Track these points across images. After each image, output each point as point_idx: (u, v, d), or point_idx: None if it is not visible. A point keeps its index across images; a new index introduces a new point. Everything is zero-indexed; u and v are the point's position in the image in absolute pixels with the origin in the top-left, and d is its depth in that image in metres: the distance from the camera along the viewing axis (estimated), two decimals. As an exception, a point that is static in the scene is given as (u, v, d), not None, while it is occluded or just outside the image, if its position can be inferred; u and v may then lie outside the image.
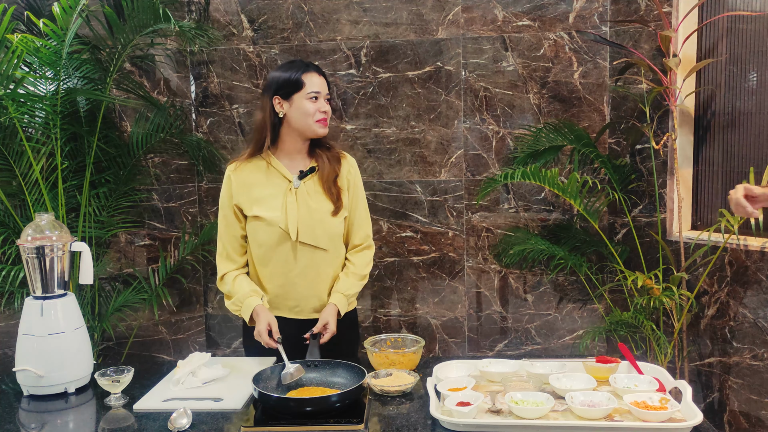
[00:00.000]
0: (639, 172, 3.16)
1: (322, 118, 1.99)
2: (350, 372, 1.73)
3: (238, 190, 2.02)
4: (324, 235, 2.02)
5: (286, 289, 2.03)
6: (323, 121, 2.00)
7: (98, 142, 3.08)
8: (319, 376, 1.75)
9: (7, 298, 2.97)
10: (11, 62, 2.70)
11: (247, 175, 2.03)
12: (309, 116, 1.97)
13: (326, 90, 2.02)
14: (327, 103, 2.01)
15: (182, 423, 1.51)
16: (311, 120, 1.98)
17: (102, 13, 3.05)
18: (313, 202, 2.02)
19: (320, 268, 2.04)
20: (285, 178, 2.02)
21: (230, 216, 2.05)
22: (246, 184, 2.03)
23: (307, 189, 2.03)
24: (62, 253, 1.81)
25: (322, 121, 1.99)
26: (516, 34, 3.26)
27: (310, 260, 2.02)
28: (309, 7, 3.39)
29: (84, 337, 1.84)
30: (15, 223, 3.03)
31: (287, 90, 1.97)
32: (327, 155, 2.07)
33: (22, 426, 1.63)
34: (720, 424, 2.91)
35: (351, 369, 1.73)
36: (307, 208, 2.00)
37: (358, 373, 1.69)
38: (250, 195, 2.02)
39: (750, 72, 2.88)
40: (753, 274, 2.75)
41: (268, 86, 2.01)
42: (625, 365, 1.76)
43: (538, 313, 3.41)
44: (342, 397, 1.58)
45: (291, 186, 2.01)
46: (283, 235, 1.99)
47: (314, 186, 2.04)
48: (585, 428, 1.46)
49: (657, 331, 2.81)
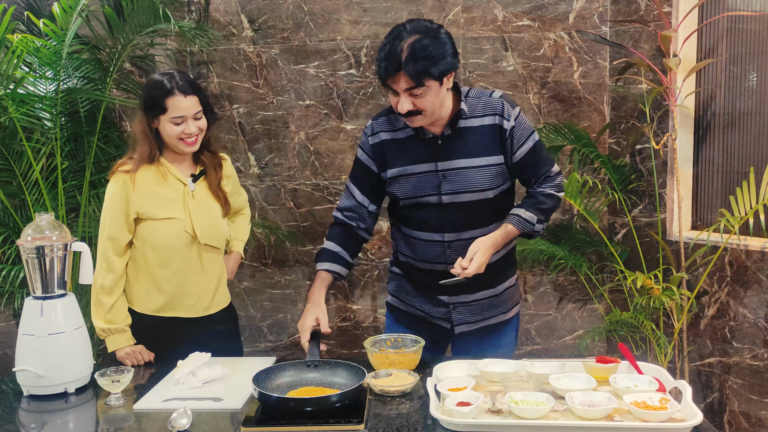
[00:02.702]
0: (639, 172, 3.16)
1: (187, 139, 1.99)
2: (350, 372, 1.73)
3: (138, 196, 2.00)
4: (220, 235, 2.13)
5: (183, 288, 2.08)
6: (190, 143, 2.00)
7: (98, 142, 3.08)
8: (319, 376, 1.74)
9: (7, 298, 2.97)
10: (11, 62, 2.71)
11: (145, 181, 2.03)
12: (173, 138, 1.99)
13: (195, 110, 1.99)
14: (196, 121, 2.00)
15: (182, 423, 1.51)
16: (176, 140, 1.99)
17: (102, 13, 3.05)
18: (207, 203, 2.10)
19: (214, 266, 2.14)
20: (180, 182, 2.06)
21: (121, 221, 2.01)
22: (146, 189, 2.02)
23: (200, 191, 2.09)
24: (62, 253, 1.81)
25: (187, 142, 2.00)
26: (516, 34, 3.26)
27: (207, 259, 2.10)
28: (309, 7, 3.39)
29: (84, 337, 1.84)
30: (15, 223, 3.03)
31: (153, 112, 1.98)
32: (210, 161, 2.12)
33: (22, 426, 1.63)
34: (720, 424, 2.91)
35: (351, 369, 1.73)
36: (204, 209, 2.08)
37: (358, 373, 1.69)
38: (152, 199, 2.02)
39: (750, 72, 2.88)
40: (753, 274, 2.75)
41: (140, 102, 2.04)
42: (625, 365, 1.76)
43: (538, 313, 3.41)
44: (342, 397, 1.57)
45: (187, 189, 2.06)
46: (185, 236, 2.04)
47: (205, 189, 2.11)
48: (585, 428, 1.46)
49: (657, 331, 2.81)
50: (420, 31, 1.77)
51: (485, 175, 1.92)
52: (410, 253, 2.04)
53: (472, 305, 2.04)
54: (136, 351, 2.02)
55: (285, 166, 3.53)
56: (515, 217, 1.95)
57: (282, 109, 3.49)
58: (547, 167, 2.00)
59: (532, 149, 1.95)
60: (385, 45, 1.78)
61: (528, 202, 1.99)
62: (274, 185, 3.56)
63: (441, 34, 1.79)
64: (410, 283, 2.10)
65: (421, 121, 1.85)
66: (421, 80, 1.75)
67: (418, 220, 1.98)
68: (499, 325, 2.09)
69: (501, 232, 1.92)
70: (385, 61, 1.76)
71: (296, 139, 3.50)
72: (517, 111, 1.93)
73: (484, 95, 1.94)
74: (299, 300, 3.60)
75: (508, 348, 2.12)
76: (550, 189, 2.00)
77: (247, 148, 3.55)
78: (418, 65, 1.73)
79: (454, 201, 1.93)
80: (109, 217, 2.02)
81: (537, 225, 1.96)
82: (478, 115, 1.92)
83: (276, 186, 3.56)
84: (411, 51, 1.73)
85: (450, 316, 2.05)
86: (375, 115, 2.04)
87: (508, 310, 2.10)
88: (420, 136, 1.93)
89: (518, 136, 1.92)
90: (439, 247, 1.97)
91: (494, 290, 2.05)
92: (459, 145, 1.91)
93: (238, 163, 3.57)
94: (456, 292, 2.01)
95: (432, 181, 1.93)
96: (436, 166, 1.92)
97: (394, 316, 2.15)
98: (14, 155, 3.00)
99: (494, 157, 1.92)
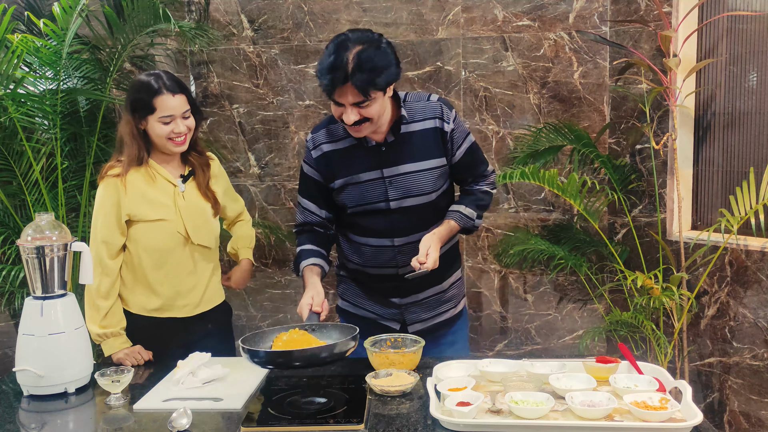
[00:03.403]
0: (639, 172, 3.16)
1: (176, 138, 2.00)
2: (344, 332, 1.77)
3: (129, 199, 2.00)
4: (211, 234, 2.14)
5: (178, 289, 2.09)
6: (179, 142, 2.00)
7: (98, 142, 3.08)
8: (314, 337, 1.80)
9: (7, 298, 2.97)
10: (11, 62, 2.71)
11: (135, 183, 2.02)
12: (162, 137, 1.99)
13: (183, 108, 1.99)
14: (185, 120, 2.00)
15: (182, 423, 1.51)
16: (165, 140, 1.99)
17: (102, 13, 3.05)
18: (198, 203, 2.10)
19: (206, 265, 2.15)
20: (170, 183, 2.07)
21: (113, 224, 2.01)
22: (137, 191, 2.02)
23: (189, 192, 2.09)
24: (62, 253, 1.81)
25: (176, 141, 2.00)
26: (516, 34, 3.26)
27: (200, 259, 2.11)
28: (309, 7, 3.39)
29: (84, 337, 1.84)
30: (15, 223, 3.03)
31: (141, 112, 1.98)
32: (198, 161, 2.13)
33: (22, 426, 1.63)
34: (720, 424, 2.91)
35: (346, 329, 1.78)
36: (195, 209, 2.09)
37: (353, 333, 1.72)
38: (143, 201, 2.02)
39: (750, 72, 2.88)
40: (753, 274, 2.75)
41: (127, 104, 2.03)
42: (625, 365, 1.76)
43: (538, 313, 3.41)
44: (329, 350, 1.62)
45: (177, 190, 2.07)
46: (178, 237, 2.05)
47: (194, 189, 2.11)
48: (585, 428, 1.46)
49: (657, 331, 2.82)
50: (364, 41, 1.76)
51: (429, 178, 1.97)
52: (360, 260, 2.07)
53: (422, 303, 2.09)
54: (134, 351, 2.02)
55: (285, 166, 3.53)
56: (456, 213, 2.01)
57: (282, 109, 3.49)
58: (483, 166, 2.09)
59: (469, 150, 2.02)
60: (329, 55, 1.75)
61: (467, 199, 2.06)
62: (274, 185, 3.56)
63: (382, 44, 1.80)
64: (360, 287, 2.14)
65: (367, 129, 1.86)
66: (368, 92, 1.75)
67: (366, 227, 2.01)
68: (451, 320, 2.16)
69: (444, 228, 1.98)
70: (331, 73, 1.74)
71: (296, 139, 3.50)
72: (455, 113, 1.99)
73: (422, 99, 1.97)
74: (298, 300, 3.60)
75: (462, 343, 2.21)
76: (486, 186, 2.10)
77: (247, 148, 3.55)
78: (364, 76, 1.73)
79: (401, 206, 1.97)
80: (101, 221, 2.02)
81: (477, 220, 2.04)
82: (418, 120, 1.95)
83: (276, 186, 3.56)
84: (357, 61, 1.72)
85: (402, 317, 2.10)
86: (313, 128, 2.05)
87: (456, 304, 2.17)
88: (363, 144, 1.95)
89: (457, 138, 1.99)
90: (389, 251, 2.01)
91: (441, 286, 2.11)
92: (403, 151, 1.95)
93: (238, 163, 3.57)
94: (405, 293, 2.06)
95: (378, 188, 1.96)
96: (382, 173, 1.95)
97: (346, 319, 2.18)
98: (14, 155, 3.00)
99: (437, 159, 1.97)
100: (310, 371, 1.85)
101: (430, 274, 1.90)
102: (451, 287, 2.14)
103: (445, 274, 2.11)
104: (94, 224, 2.03)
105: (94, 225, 2.03)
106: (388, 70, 1.77)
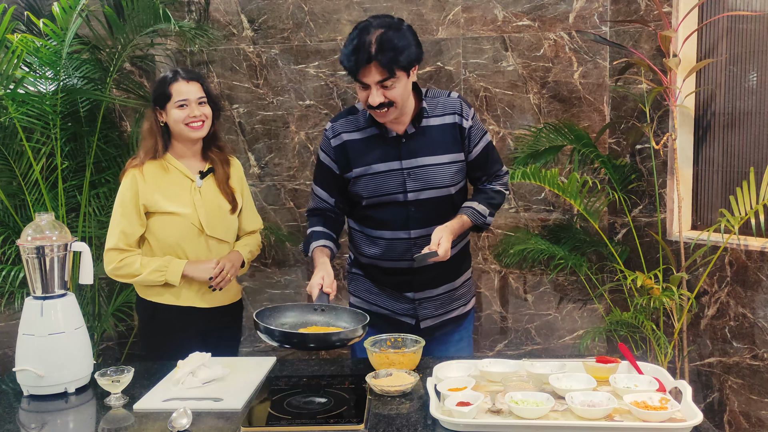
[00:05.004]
0: (639, 172, 3.16)
1: (192, 122, 2.12)
2: (354, 318, 1.85)
3: (146, 188, 2.12)
4: (228, 229, 2.24)
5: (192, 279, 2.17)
6: (196, 127, 2.12)
7: (98, 142, 3.08)
8: (323, 319, 1.86)
9: (7, 298, 2.97)
10: (11, 62, 2.71)
11: (152, 175, 2.14)
12: (179, 122, 2.11)
13: (198, 95, 2.13)
14: (200, 106, 2.13)
15: (182, 423, 1.51)
16: (182, 125, 2.12)
17: (102, 13, 3.05)
18: (215, 200, 2.20)
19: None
20: (187, 178, 2.17)
21: (133, 215, 2.13)
22: (153, 182, 2.13)
23: (207, 188, 2.19)
24: (62, 253, 1.81)
25: (192, 126, 2.12)
26: (516, 34, 3.26)
27: (216, 252, 2.21)
28: (309, 7, 3.39)
29: (84, 337, 1.84)
30: (15, 223, 3.03)
31: (160, 101, 2.13)
32: (219, 158, 2.24)
33: (22, 426, 1.63)
34: (720, 424, 2.91)
35: (354, 315, 1.86)
36: (212, 204, 2.18)
37: (362, 319, 1.80)
38: (159, 193, 2.13)
39: (750, 72, 2.88)
40: (753, 274, 2.75)
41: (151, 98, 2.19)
42: (625, 365, 1.76)
43: (538, 313, 3.41)
44: (343, 336, 1.70)
45: (194, 185, 2.18)
46: (193, 230, 2.15)
47: (212, 186, 2.21)
48: (585, 428, 1.46)
49: (657, 331, 2.82)
50: (385, 25, 1.84)
51: (448, 172, 2.00)
52: (375, 252, 2.08)
53: (436, 299, 2.11)
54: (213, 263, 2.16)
55: (285, 166, 3.54)
56: (470, 209, 2.04)
57: (282, 109, 3.49)
58: (497, 166, 2.13)
59: (485, 148, 2.06)
60: (353, 39, 1.83)
61: (480, 197, 2.09)
62: (274, 185, 3.56)
63: (403, 26, 1.87)
64: (374, 283, 2.15)
65: (392, 113, 1.91)
66: (393, 70, 1.82)
67: (382, 219, 2.03)
68: (460, 317, 2.19)
69: (457, 222, 2.00)
70: (355, 55, 1.82)
71: (296, 139, 3.50)
72: (473, 111, 2.04)
73: (442, 95, 2.03)
74: (299, 300, 3.60)
75: (468, 341, 2.24)
76: (499, 186, 2.12)
77: (247, 148, 3.55)
78: (388, 55, 1.80)
79: (419, 198, 1.99)
80: (120, 211, 2.13)
81: (488, 218, 2.07)
82: (438, 114, 2.00)
83: (276, 186, 3.56)
84: (379, 43, 1.80)
85: (416, 312, 2.11)
86: (332, 118, 2.09)
87: (467, 302, 2.21)
88: (383, 135, 1.98)
89: (474, 135, 2.03)
90: (405, 243, 2.03)
91: (454, 283, 2.14)
92: (422, 143, 1.98)
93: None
94: (420, 287, 2.08)
95: (397, 179, 1.98)
96: (400, 165, 1.98)
97: None
98: (14, 155, 3.00)
99: (455, 154, 2.01)
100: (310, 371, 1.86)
101: (444, 270, 1.93)
102: (462, 285, 2.17)
103: (459, 271, 2.14)
104: (113, 215, 2.15)
105: (114, 216, 2.14)
106: (409, 49, 1.84)
